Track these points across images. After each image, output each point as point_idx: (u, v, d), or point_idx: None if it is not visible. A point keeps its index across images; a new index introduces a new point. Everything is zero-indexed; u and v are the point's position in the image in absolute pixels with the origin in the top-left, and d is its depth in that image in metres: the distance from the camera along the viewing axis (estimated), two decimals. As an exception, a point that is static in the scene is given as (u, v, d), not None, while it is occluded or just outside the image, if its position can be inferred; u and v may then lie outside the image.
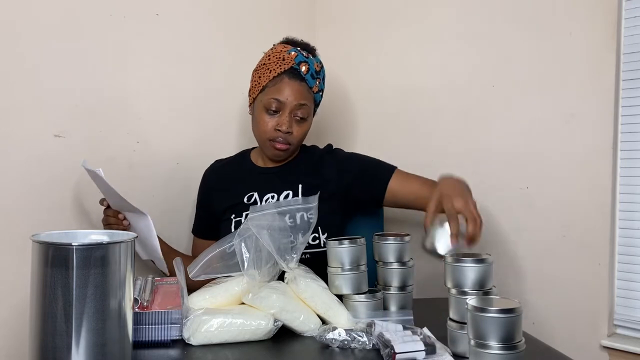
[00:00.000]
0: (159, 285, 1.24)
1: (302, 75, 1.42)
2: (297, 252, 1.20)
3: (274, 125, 1.43)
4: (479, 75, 1.72)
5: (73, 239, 0.97)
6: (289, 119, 1.43)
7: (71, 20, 1.43)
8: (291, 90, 1.42)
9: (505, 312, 0.87)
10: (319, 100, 1.51)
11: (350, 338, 1.05)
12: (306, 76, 1.43)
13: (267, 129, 1.44)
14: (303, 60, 1.43)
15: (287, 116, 1.42)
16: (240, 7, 1.84)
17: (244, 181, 1.51)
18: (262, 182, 1.49)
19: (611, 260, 1.51)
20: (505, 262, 1.61)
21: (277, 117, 1.43)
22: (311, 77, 1.44)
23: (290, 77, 1.42)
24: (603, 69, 1.50)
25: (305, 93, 1.44)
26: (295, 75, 1.42)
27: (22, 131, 1.35)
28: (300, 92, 1.43)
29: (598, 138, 1.51)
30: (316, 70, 1.46)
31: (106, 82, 1.51)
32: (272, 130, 1.43)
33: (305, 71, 1.43)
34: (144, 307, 1.07)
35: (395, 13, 1.92)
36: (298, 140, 1.47)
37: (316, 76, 1.46)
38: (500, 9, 1.68)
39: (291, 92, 1.42)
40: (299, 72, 1.42)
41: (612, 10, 1.49)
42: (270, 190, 1.47)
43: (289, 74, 1.42)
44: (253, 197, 1.47)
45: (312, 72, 1.44)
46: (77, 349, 0.85)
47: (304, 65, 1.43)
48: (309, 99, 1.45)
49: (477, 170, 1.72)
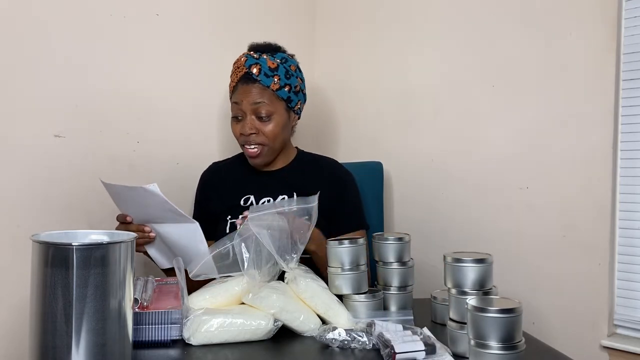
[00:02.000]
0: (159, 286, 1.24)
1: (254, 77, 1.44)
2: (297, 252, 1.20)
3: (240, 131, 1.46)
4: (479, 75, 1.72)
5: (73, 239, 0.97)
6: (250, 121, 1.45)
7: (71, 20, 1.44)
8: (245, 93, 1.45)
9: (505, 312, 0.87)
10: (287, 96, 1.48)
11: (350, 338, 1.05)
12: (259, 77, 1.44)
13: (237, 135, 1.48)
14: (253, 63, 1.45)
15: (249, 118, 1.45)
16: (240, 8, 1.84)
17: (240, 183, 1.53)
18: (259, 185, 1.50)
19: (611, 260, 1.51)
20: (505, 262, 1.60)
21: (241, 122, 1.46)
22: (265, 76, 1.44)
23: (243, 82, 1.45)
24: (603, 69, 1.50)
25: (260, 92, 1.45)
26: (247, 79, 1.45)
27: (22, 131, 1.35)
28: (253, 92, 1.44)
29: (598, 138, 1.51)
30: (270, 68, 1.45)
31: (106, 82, 1.51)
32: (240, 136, 1.47)
33: (257, 72, 1.44)
34: (144, 307, 1.07)
35: (395, 13, 1.92)
36: (271, 139, 1.47)
37: (272, 73, 1.45)
38: (500, 9, 1.68)
39: (244, 95, 1.45)
40: (250, 75, 1.44)
41: (612, 10, 1.49)
42: (266, 193, 1.48)
43: (242, 80, 1.45)
44: (249, 200, 1.48)
45: (264, 72, 1.44)
46: (77, 349, 0.85)
47: (255, 67, 1.44)
48: (265, 97, 1.45)
49: (477, 170, 1.72)
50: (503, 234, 1.66)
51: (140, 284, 1.17)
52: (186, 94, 1.69)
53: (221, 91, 1.77)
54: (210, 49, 1.76)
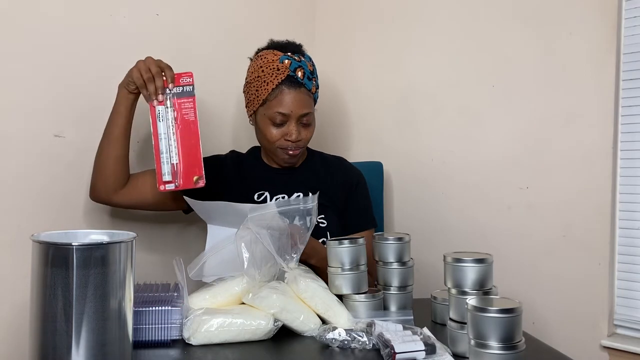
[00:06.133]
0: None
1: (300, 81, 1.42)
2: (297, 252, 1.20)
3: (282, 135, 1.43)
4: (479, 75, 1.72)
5: (73, 239, 0.97)
6: (297, 128, 1.43)
7: (71, 20, 1.43)
8: (293, 100, 1.41)
9: (505, 312, 0.87)
10: (317, 98, 1.51)
11: (350, 338, 1.05)
12: (304, 80, 1.42)
13: (275, 139, 1.44)
14: (297, 66, 1.42)
15: (295, 125, 1.42)
16: (240, 7, 1.84)
17: (257, 178, 1.51)
18: (275, 182, 1.50)
19: (611, 261, 1.51)
20: (505, 262, 1.60)
21: (283, 127, 1.43)
22: (308, 80, 1.44)
23: (289, 86, 1.41)
24: (603, 69, 1.50)
25: (307, 99, 1.44)
26: (294, 83, 1.41)
27: (22, 131, 1.35)
28: (302, 100, 1.42)
29: (598, 138, 1.51)
30: (310, 71, 1.45)
31: (106, 82, 1.51)
32: (282, 140, 1.44)
33: (302, 76, 1.42)
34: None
35: (395, 13, 1.92)
36: (307, 142, 1.49)
37: (312, 76, 1.46)
38: (500, 8, 1.68)
39: (294, 103, 1.41)
40: (296, 79, 1.41)
41: (612, 10, 1.49)
42: (282, 191, 1.47)
43: (287, 83, 1.41)
44: (264, 196, 1.48)
45: (307, 75, 1.43)
46: (77, 349, 0.85)
47: (299, 70, 1.42)
48: (311, 105, 1.45)
49: (477, 170, 1.72)
50: (503, 234, 1.66)
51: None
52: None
53: (221, 91, 1.77)
54: (210, 49, 1.75)
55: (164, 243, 1.64)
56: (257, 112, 1.47)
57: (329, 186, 1.50)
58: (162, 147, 1.30)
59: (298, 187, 1.48)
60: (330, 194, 1.48)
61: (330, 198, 1.48)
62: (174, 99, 1.32)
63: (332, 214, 1.49)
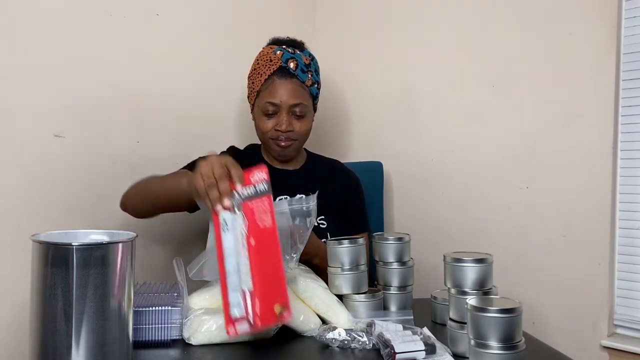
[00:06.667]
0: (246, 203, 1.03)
1: (291, 72, 1.42)
2: (297, 252, 1.20)
3: (273, 125, 1.44)
4: (479, 75, 1.72)
5: (73, 239, 0.97)
6: (287, 118, 1.43)
7: (71, 19, 1.44)
8: (284, 90, 1.41)
9: (505, 312, 0.87)
10: (315, 93, 1.50)
11: (350, 338, 1.05)
12: (296, 72, 1.42)
13: (267, 130, 1.44)
14: (290, 57, 1.43)
15: (285, 116, 1.43)
16: (240, 7, 1.84)
17: None
18: (275, 182, 1.48)
19: (611, 261, 1.51)
20: (505, 262, 1.61)
21: (275, 117, 1.43)
22: (301, 72, 1.44)
23: (280, 76, 1.42)
24: (603, 69, 1.50)
25: (299, 90, 1.43)
26: (285, 73, 1.42)
27: (22, 131, 1.35)
28: (293, 90, 1.42)
29: (598, 138, 1.51)
30: (305, 64, 1.45)
31: (106, 82, 1.51)
32: (273, 131, 1.44)
33: (294, 67, 1.42)
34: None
35: (395, 13, 1.92)
36: (302, 136, 1.48)
37: (307, 69, 1.45)
38: (500, 9, 1.68)
39: (284, 93, 1.41)
40: (288, 69, 1.42)
41: (612, 10, 1.49)
42: (283, 192, 1.47)
43: (279, 73, 1.42)
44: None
45: (301, 67, 1.44)
46: (77, 349, 0.85)
47: (292, 61, 1.42)
48: (303, 96, 1.44)
49: (477, 170, 1.73)
50: (503, 234, 1.66)
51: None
52: (186, 94, 1.69)
53: (221, 91, 1.77)
54: (210, 49, 1.76)
55: (164, 243, 1.64)
56: (254, 105, 1.48)
57: (330, 188, 1.50)
58: (229, 267, 0.99)
59: (301, 189, 1.48)
60: (331, 196, 1.48)
61: (331, 199, 1.48)
62: (244, 201, 1.03)
63: (332, 215, 1.49)
